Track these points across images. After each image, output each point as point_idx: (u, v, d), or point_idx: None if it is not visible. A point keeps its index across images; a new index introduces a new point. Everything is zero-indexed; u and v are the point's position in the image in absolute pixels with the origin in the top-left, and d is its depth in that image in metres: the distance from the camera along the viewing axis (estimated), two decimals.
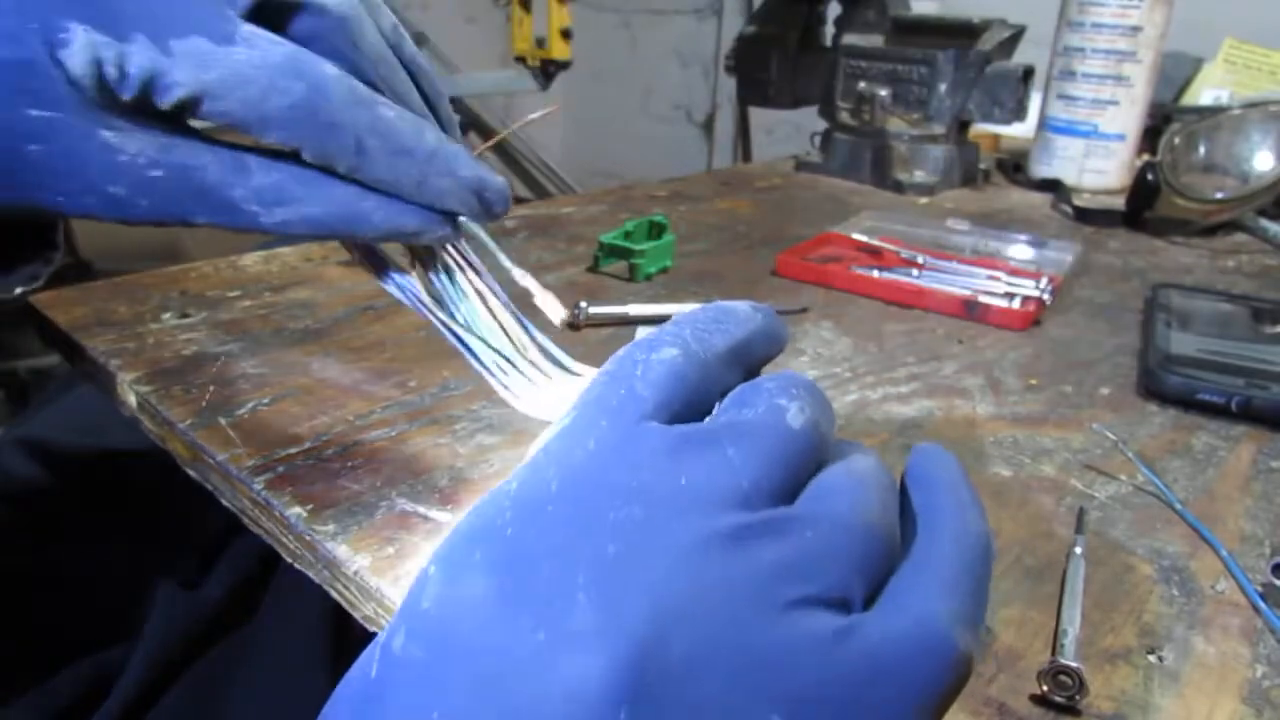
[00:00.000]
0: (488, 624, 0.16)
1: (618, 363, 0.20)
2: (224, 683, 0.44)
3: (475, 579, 0.16)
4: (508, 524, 0.17)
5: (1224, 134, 0.78)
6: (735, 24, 2.27)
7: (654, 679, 0.15)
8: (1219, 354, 0.47)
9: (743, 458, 0.18)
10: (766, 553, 0.17)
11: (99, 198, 0.23)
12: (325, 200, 0.24)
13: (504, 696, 0.15)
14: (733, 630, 0.16)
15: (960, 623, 0.17)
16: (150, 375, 0.40)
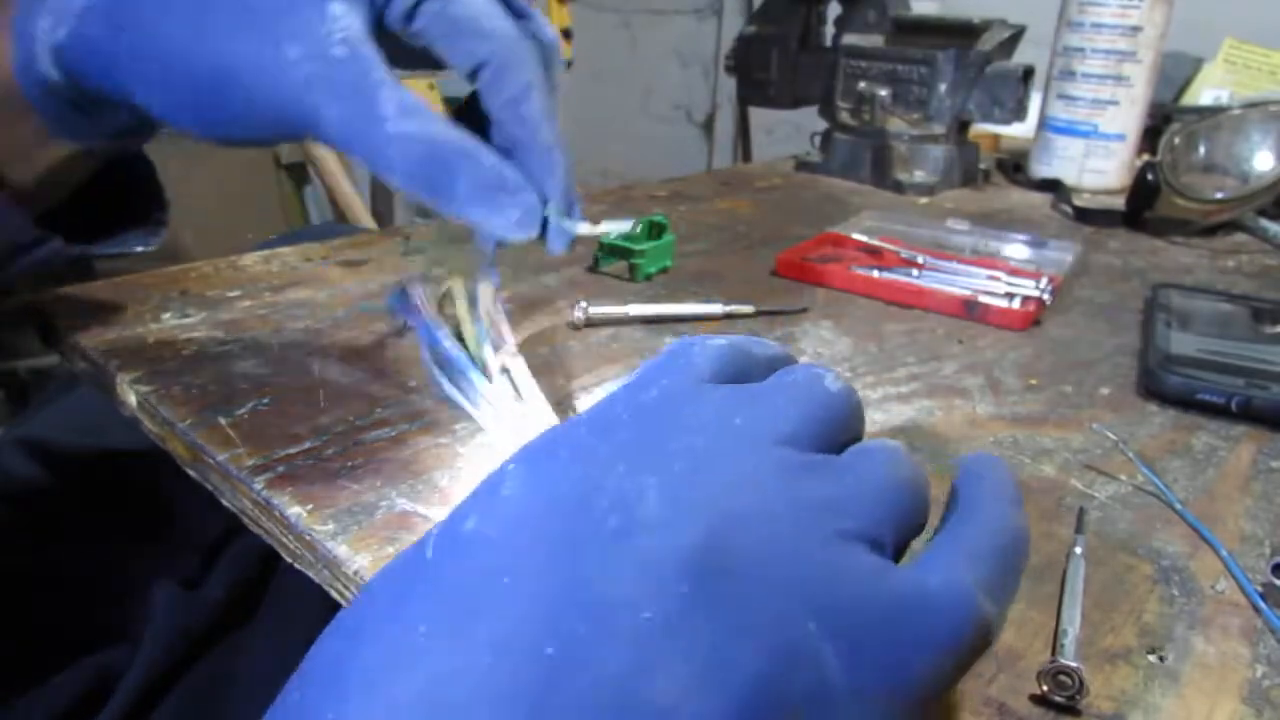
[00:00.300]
0: (565, 508, 0.17)
1: (673, 345, 0.23)
2: (225, 684, 0.44)
3: (556, 472, 0.18)
4: (585, 435, 0.19)
5: (1224, 134, 0.78)
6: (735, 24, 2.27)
7: (714, 568, 0.16)
8: (1219, 354, 0.47)
9: (788, 406, 0.20)
10: (814, 487, 0.19)
11: (271, 53, 0.26)
12: (448, 130, 0.27)
13: (575, 565, 0.16)
14: (785, 543, 0.17)
15: (985, 591, 0.19)
16: (150, 375, 0.40)
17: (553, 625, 0.15)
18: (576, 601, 0.16)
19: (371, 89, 0.26)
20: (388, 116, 0.26)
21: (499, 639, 0.15)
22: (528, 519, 0.17)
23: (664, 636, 0.15)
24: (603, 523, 0.17)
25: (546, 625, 0.15)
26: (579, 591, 0.16)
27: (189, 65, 0.27)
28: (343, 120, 0.26)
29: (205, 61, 0.27)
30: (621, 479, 0.18)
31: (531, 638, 0.15)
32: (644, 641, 0.15)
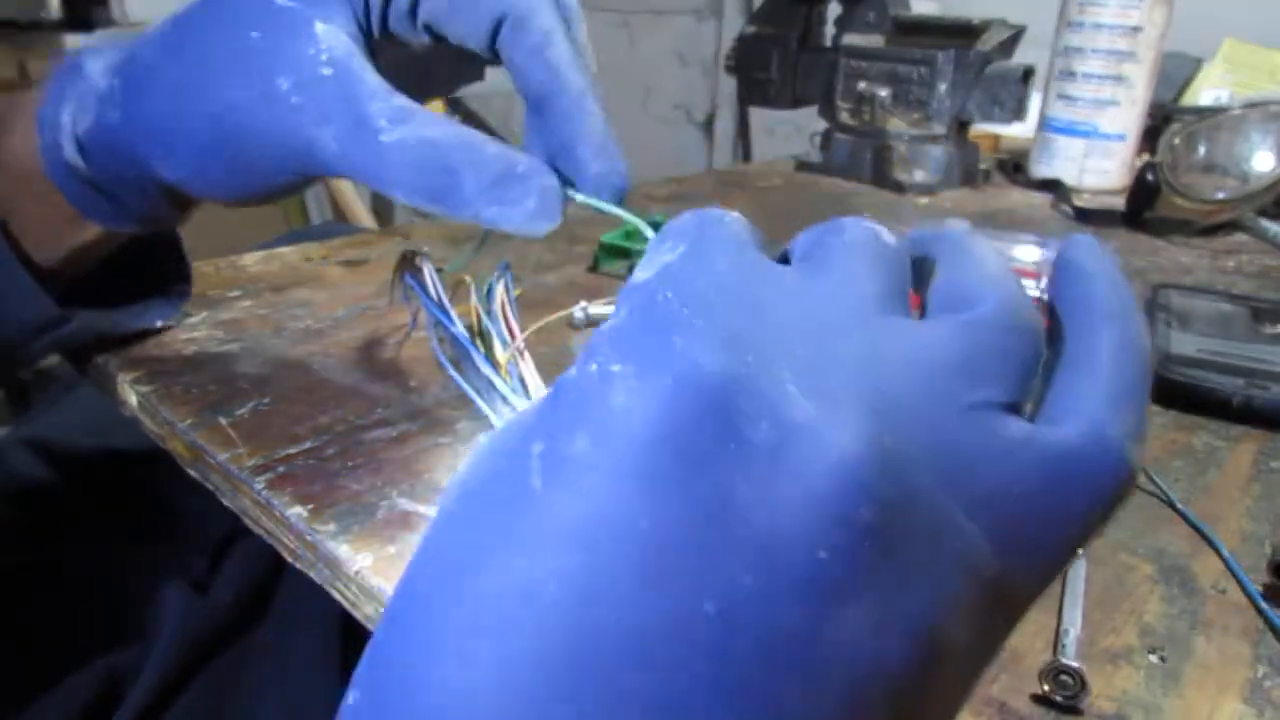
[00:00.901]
0: (703, 421, 0.14)
1: (698, 214, 0.19)
2: (236, 688, 0.44)
3: (677, 370, 0.14)
4: (688, 318, 0.15)
5: (1224, 134, 0.78)
6: (735, 24, 2.27)
7: (883, 476, 0.14)
8: (1219, 354, 0.47)
9: (863, 269, 0.18)
10: (938, 353, 0.16)
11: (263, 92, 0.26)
12: (453, 129, 0.26)
13: (729, 495, 0.13)
14: (929, 428, 0.15)
15: (1130, 436, 0.17)
16: (150, 375, 0.39)
17: (710, 577, 0.13)
18: (736, 543, 0.13)
19: (361, 102, 0.25)
20: (380, 127, 0.25)
21: (643, 600, 0.12)
22: (657, 438, 0.14)
23: (844, 574, 0.13)
24: (753, 434, 0.14)
25: (702, 577, 0.13)
26: (738, 529, 0.13)
27: (200, 124, 0.28)
28: (338, 140, 0.26)
29: (213, 117, 0.27)
30: (754, 372, 0.14)
31: (685, 595, 0.13)
32: (823, 586, 0.13)
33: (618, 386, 0.14)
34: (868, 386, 0.15)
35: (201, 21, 0.28)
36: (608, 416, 0.14)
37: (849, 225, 0.19)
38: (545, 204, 0.26)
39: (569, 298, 0.50)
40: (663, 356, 0.14)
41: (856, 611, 0.13)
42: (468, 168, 0.25)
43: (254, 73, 0.26)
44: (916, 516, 0.14)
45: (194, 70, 0.27)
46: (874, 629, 0.13)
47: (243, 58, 0.26)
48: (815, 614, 0.13)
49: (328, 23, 0.26)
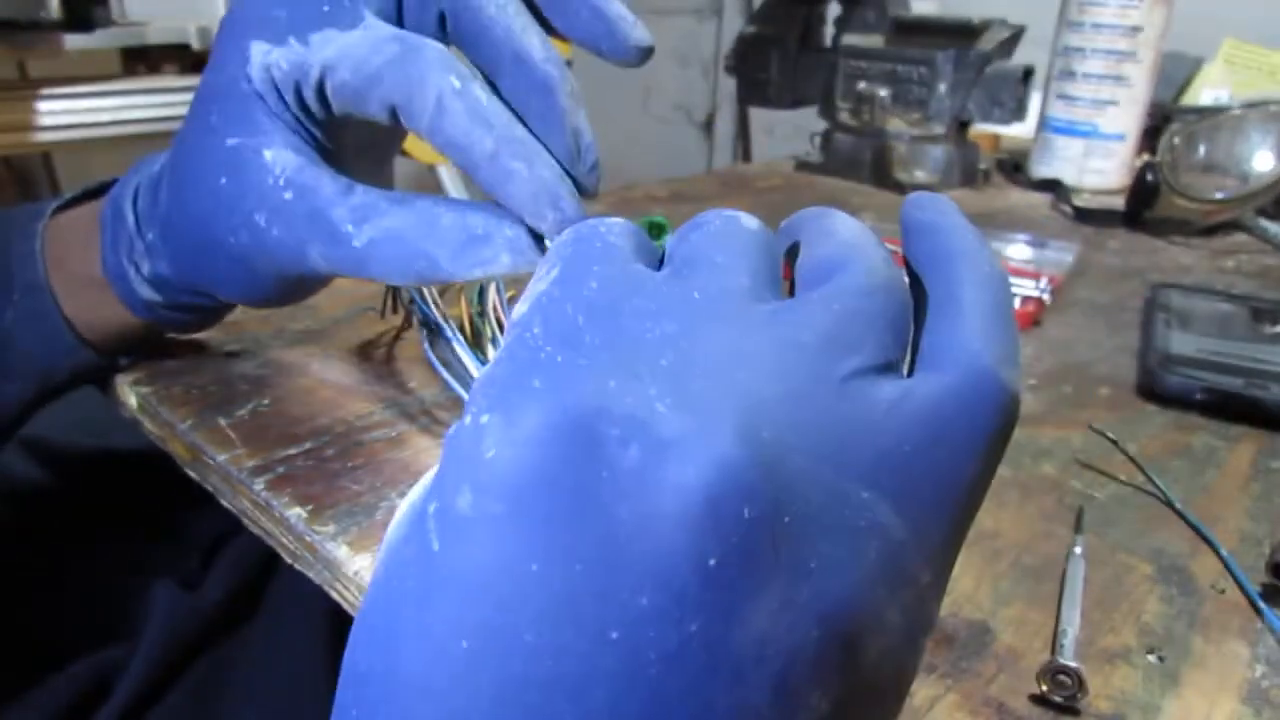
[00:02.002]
0: (569, 454, 0.14)
1: (575, 230, 0.20)
2: (224, 686, 0.44)
3: (540, 410, 0.15)
4: (550, 355, 0.16)
5: (1224, 134, 0.78)
6: (735, 24, 2.27)
7: (761, 472, 0.14)
8: (1219, 354, 0.47)
9: (730, 260, 0.18)
10: (804, 333, 0.16)
11: (248, 228, 0.28)
12: (406, 212, 0.26)
13: (610, 525, 0.14)
14: (807, 410, 0.15)
15: (1005, 363, 0.17)
16: (150, 376, 0.40)
17: (608, 606, 0.13)
18: (628, 571, 0.13)
19: (325, 216, 0.27)
20: (349, 234, 0.27)
21: (548, 640, 0.13)
22: (530, 481, 0.14)
23: (738, 577, 0.13)
24: (622, 459, 0.14)
25: (603, 609, 0.13)
26: (626, 558, 0.13)
27: (229, 266, 0.30)
28: (325, 257, 0.27)
29: (234, 260, 0.30)
30: (618, 396, 0.15)
31: (589, 628, 0.13)
32: (722, 593, 0.13)
33: (488, 437, 0.15)
34: (738, 383, 0.15)
35: (184, 176, 0.30)
36: (481, 468, 0.14)
37: (710, 218, 0.20)
38: (518, 252, 0.26)
39: None
40: (524, 401, 0.15)
41: (761, 605, 0.13)
42: (436, 247, 0.26)
43: (237, 216, 0.28)
44: (809, 501, 0.14)
45: (200, 224, 0.30)
46: (784, 619, 0.14)
47: (225, 204, 0.28)
48: (719, 619, 0.13)
49: (271, 147, 0.28)
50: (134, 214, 0.34)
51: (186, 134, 0.30)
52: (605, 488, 0.14)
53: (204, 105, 0.29)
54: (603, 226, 0.20)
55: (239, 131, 0.28)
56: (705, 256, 0.19)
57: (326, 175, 0.27)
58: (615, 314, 0.17)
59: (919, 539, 0.16)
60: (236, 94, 0.28)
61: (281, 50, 0.27)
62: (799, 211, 0.22)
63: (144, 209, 0.33)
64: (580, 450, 0.14)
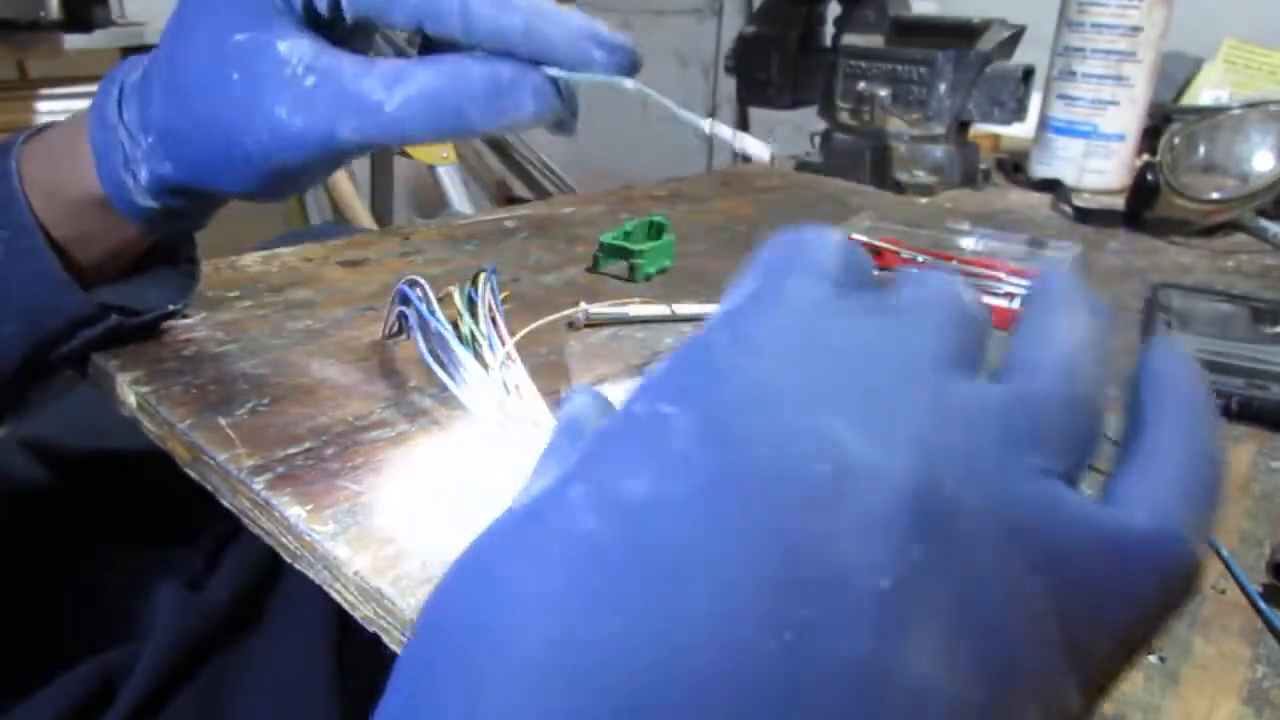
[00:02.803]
0: (761, 459, 0.14)
1: (787, 236, 0.19)
2: (230, 689, 0.44)
3: (734, 413, 0.15)
4: (742, 364, 0.16)
5: (1224, 134, 0.78)
6: (735, 24, 2.27)
7: (941, 517, 0.14)
8: (1219, 354, 0.47)
9: (939, 327, 0.18)
10: (998, 419, 0.16)
11: (269, 125, 0.29)
12: (436, 70, 0.28)
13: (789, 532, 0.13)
14: (992, 481, 0.15)
15: (1196, 534, 0.17)
16: (150, 375, 0.39)
17: (776, 613, 0.13)
18: (799, 577, 0.13)
19: (354, 90, 0.28)
20: (380, 101, 0.28)
21: (710, 640, 0.12)
22: (719, 479, 0.14)
23: (906, 606, 0.13)
24: (811, 472, 0.14)
25: (768, 614, 0.13)
26: (800, 564, 0.13)
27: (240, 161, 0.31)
28: (357, 130, 0.29)
29: (246, 157, 0.30)
30: (809, 415, 0.15)
31: (751, 633, 0.13)
32: (885, 615, 0.13)
33: (677, 427, 0.15)
34: (925, 434, 0.15)
35: (186, 77, 0.30)
36: (666, 455, 0.14)
37: (932, 280, 0.19)
38: (541, 99, 0.28)
39: (568, 298, 0.50)
40: (718, 402, 0.15)
41: (926, 639, 0.13)
42: (466, 101, 0.28)
43: (256, 112, 0.29)
44: (974, 561, 0.14)
45: (210, 125, 0.30)
46: (942, 662, 0.13)
47: (240, 101, 0.29)
48: (882, 643, 0.13)
49: (285, 38, 0.28)
50: (123, 124, 0.33)
51: (179, 33, 0.30)
52: (791, 496, 0.14)
53: (202, 6, 0.29)
54: (816, 240, 0.19)
55: (247, 26, 0.28)
56: (918, 316, 0.18)
57: (345, 54, 0.29)
58: (804, 341, 0.16)
59: (1074, 649, 0.15)
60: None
61: None
62: (1047, 279, 0.21)
63: (134, 117, 0.33)
64: (771, 455, 0.14)
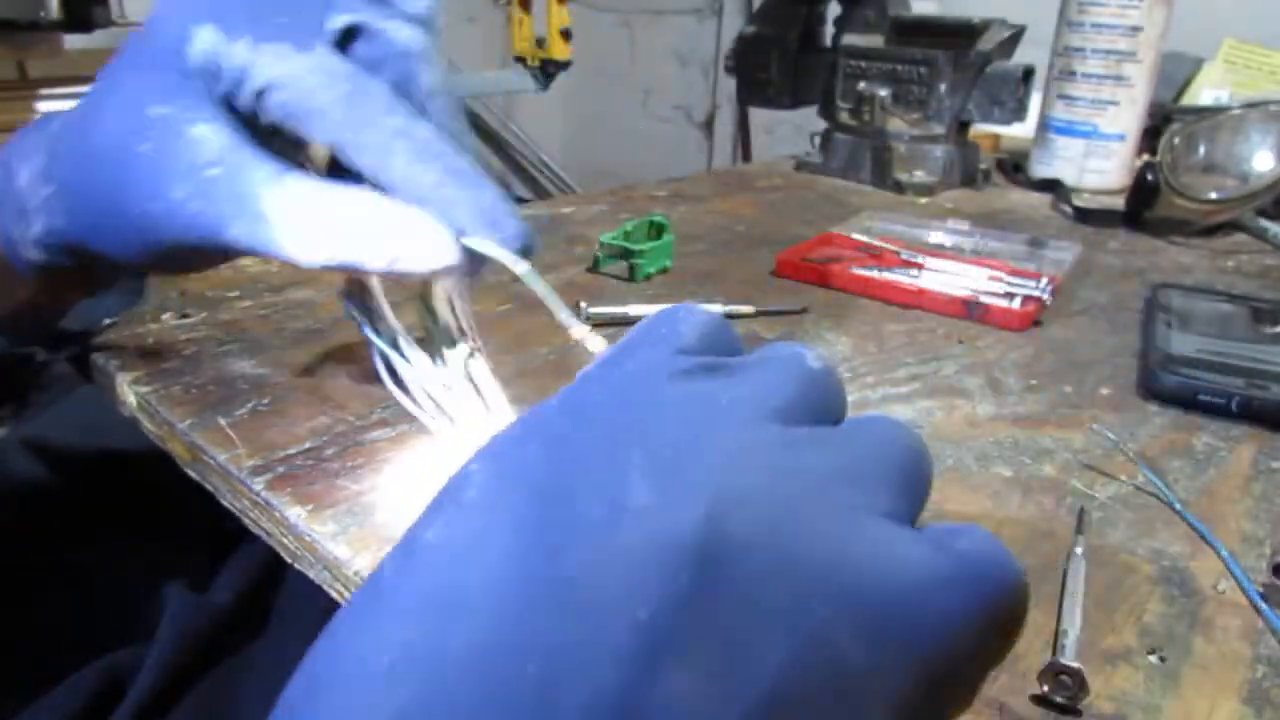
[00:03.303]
0: (539, 505, 0.15)
1: (661, 312, 0.21)
2: (234, 692, 0.44)
3: (526, 466, 0.16)
4: (557, 421, 0.17)
5: (1224, 134, 0.78)
6: (735, 24, 2.27)
7: (716, 554, 0.15)
8: (1219, 354, 0.47)
9: (777, 381, 0.19)
10: (816, 459, 0.17)
11: (165, 204, 0.27)
12: (344, 201, 0.27)
13: (554, 566, 0.14)
14: (792, 519, 0.16)
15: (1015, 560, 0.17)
16: (150, 375, 0.40)
17: (533, 640, 0.13)
18: (559, 608, 0.14)
19: (251, 199, 0.27)
20: (275, 216, 0.27)
21: (472, 663, 0.13)
22: (496, 523, 0.15)
23: (665, 636, 0.14)
24: (584, 515, 0.15)
25: (526, 641, 0.14)
26: (561, 596, 0.14)
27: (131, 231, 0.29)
28: (245, 237, 0.27)
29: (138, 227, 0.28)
30: (602, 466, 0.16)
31: (509, 657, 0.13)
32: (642, 646, 0.13)
33: (471, 482, 0.16)
34: (725, 480, 0.16)
35: (98, 139, 0.29)
36: (457, 507, 0.16)
37: (780, 347, 0.20)
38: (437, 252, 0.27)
39: (568, 298, 0.50)
40: (515, 457, 0.17)
41: (685, 669, 0.14)
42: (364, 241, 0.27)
43: (152, 187, 0.27)
44: (761, 598, 0.15)
45: (110, 189, 0.29)
46: (710, 693, 0.14)
47: (143, 179, 0.28)
48: (638, 675, 0.13)
49: (200, 123, 0.27)
50: (27, 171, 0.32)
51: (103, 90, 0.29)
52: (560, 537, 0.15)
53: (129, 72, 0.28)
54: (682, 312, 0.21)
55: (167, 101, 0.27)
56: (756, 371, 0.19)
57: (259, 155, 0.27)
58: (635, 396, 0.18)
59: (876, 672, 0.15)
60: (170, 67, 0.27)
61: (232, 46, 0.27)
62: None
63: (38, 166, 0.31)
64: (549, 502, 0.15)
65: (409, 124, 0.27)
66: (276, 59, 0.27)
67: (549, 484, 0.16)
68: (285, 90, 0.27)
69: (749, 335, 0.50)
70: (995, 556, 0.17)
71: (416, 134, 0.27)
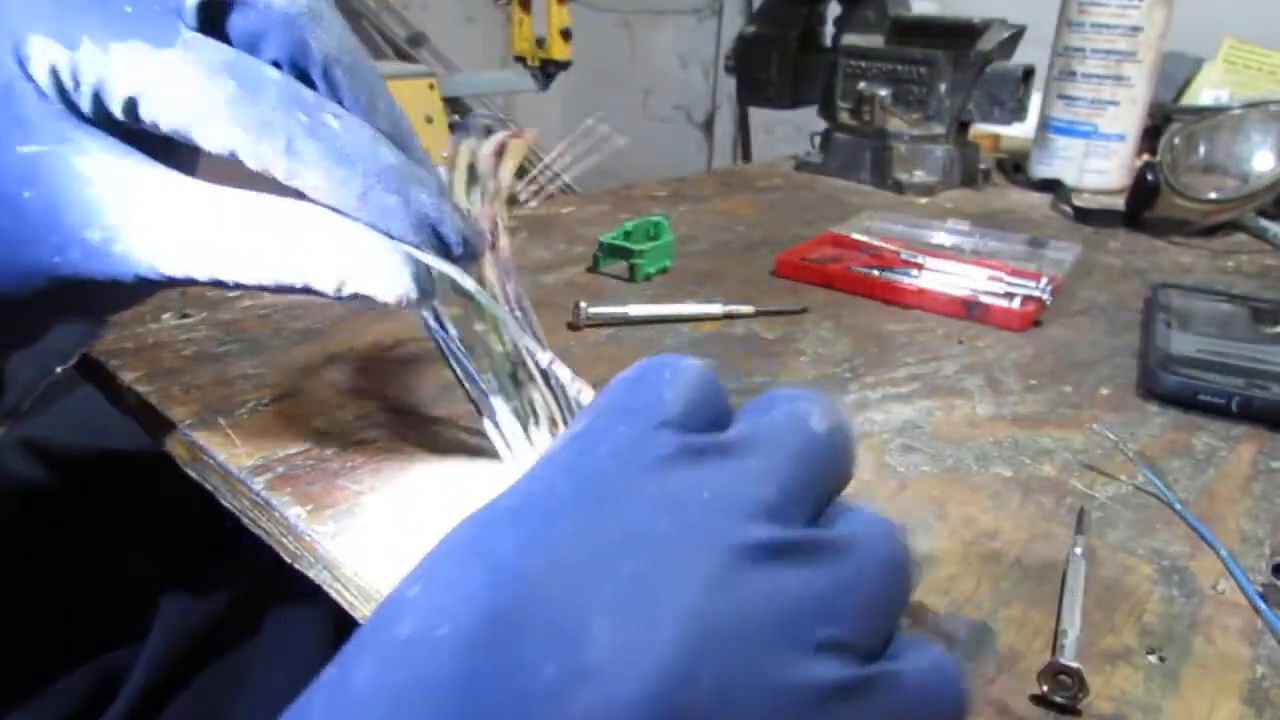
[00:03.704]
0: (484, 655, 0.14)
1: (642, 368, 0.19)
2: (229, 693, 0.44)
3: (468, 602, 0.14)
4: (507, 540, 0.15)
5: (1224, 134, 0.78)
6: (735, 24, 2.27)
7: (680, 712, 0.13)
8: (1219, 354, 0.47)
9: (767, 467, 0.17)
10: (800, 580, 0.16)
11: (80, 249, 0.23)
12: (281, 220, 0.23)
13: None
14: (763, 670, 0.14)
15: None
16: (150, 375, 0.40)
17: None
18: None
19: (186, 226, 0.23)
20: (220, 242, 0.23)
21: None
22: (439, 673, 0.14)
23: None
24: (535, 676, 0.13)
25: None
26: None
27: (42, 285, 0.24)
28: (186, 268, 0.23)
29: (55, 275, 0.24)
30: (558, 607, 0.14)
31: None
32: None
33: (406, 614, 0.15)
34: (692, 621, 0.14)
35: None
36: (391, 645, 0.14)
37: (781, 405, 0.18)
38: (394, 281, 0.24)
39: (568, 298, 0.50)
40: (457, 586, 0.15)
41: None
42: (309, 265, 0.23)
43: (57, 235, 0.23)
44: None
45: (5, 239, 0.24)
46: None
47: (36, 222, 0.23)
48: None
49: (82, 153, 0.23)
50: None
51: None
52: (509, 701, 0.13)
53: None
54: (666, 375, 0.18)
55: (32, 137, 0.22)
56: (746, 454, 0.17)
57: (171, 177, 0.23)
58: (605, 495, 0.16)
59: None
60: (14, 93, 0.22)
61: (72, 55, 0.22)
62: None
63: None
64: (496, 655, 0.14)
65: (313, 118, 0.23)
66: (131, 64, 0.22)
67: (495, 631, 0.14)
68: (153, 100, 0.22)
69: (749, 335, 0.50)
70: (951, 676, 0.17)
71: (325, 129, 0.22)
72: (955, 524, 0.33)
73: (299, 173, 0.22)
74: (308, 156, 0.22)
